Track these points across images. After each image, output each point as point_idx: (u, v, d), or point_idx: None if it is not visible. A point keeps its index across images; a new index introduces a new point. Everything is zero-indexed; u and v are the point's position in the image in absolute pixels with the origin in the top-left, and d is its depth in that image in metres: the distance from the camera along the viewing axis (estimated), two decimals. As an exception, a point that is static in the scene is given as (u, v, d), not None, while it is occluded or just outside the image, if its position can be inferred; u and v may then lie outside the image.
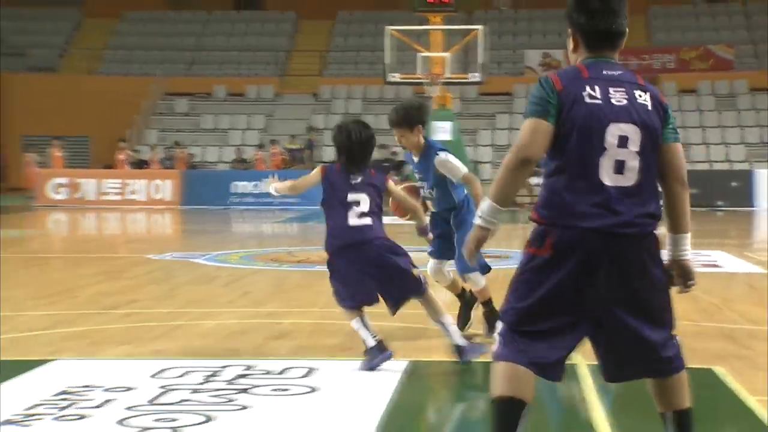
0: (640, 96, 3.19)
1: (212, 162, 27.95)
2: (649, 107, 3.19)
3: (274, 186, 5.63)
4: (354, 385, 4.99)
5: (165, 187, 23.41)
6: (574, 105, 3.11)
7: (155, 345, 6.09)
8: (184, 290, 9.02)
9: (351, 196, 5.26)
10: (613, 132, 3.12)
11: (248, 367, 5.27)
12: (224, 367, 5.28)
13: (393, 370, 5.23)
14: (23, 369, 5.23)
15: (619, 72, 3.22)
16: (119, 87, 30.05)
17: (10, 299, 8.31)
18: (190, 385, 4.85)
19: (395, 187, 5.53)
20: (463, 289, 6.40)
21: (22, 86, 30.94)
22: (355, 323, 5.33)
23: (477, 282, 6.16)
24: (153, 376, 5.05)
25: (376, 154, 24.72)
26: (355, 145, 5.31)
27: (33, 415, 4.29)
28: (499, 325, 3.22)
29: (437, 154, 5.94)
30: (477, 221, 3.21)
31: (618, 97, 3.15)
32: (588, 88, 3.14)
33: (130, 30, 33.27)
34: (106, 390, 4.73)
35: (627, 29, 3.28)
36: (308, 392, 4.78)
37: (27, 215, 20.71)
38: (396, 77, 22.99)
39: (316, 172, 5.39)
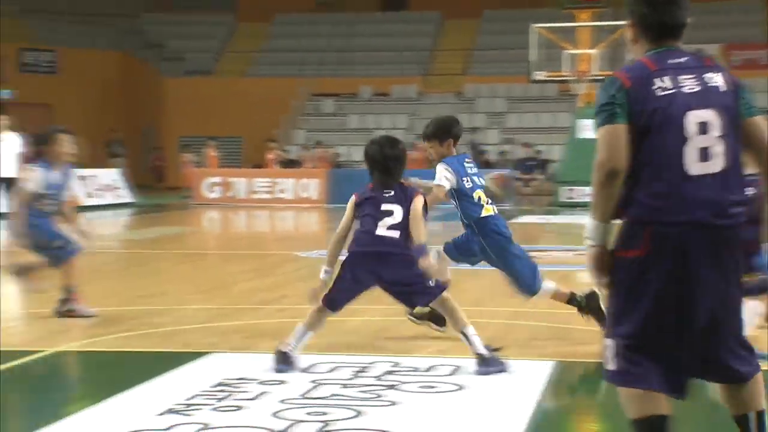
0: (712, 78, 3.13)
1: (358, 161, 28.36)
2: (723, 88, 3.12)
3: (324, 271, 5.36)
4: (501, 384, 4.97)
5: (312, 186, 23.92)
6: (647, 100, 3.06)
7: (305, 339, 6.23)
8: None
9: (384, 206, 5.26)
10: (692, 120, 3.06)
11: (395, 364, 5.34)
12: (372, 363, 5.37)
13: (540, 371, 5.19)
14: (183, 361, 5.47)
15: (685, 58, 3.15)
16: (269, 88, 30.89)
17: (170, 293, 8.70)
18: (339, 380, 4.96)
19: (419, 206, 5.33)
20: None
21: (180, 89, 32.25)
22: (302, 323, 5.27)
23: (546, 292, 6.06)
24: (304, 370, 5.18)
25: (521, 153, 24.59)
26: (387, 160, 5.34)
27: (193, 405, 4.47)
28: (608, 342, 3.13)
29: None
30: (587, 242, 3.16)
31: (690, 85, 3.09)
32: (657, 81, 3.09)
33: (280, 33, 34.14)
34: (261, 383, 4.88)
35: (688, 20, 3.21)
36: (455, 390, 4.80)
37: (184, 213, 21.57)
38: (541, 75, 22.73)
39: (350, 203, 5.38)
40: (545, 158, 24.46)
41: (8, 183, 15.81)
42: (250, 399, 4.59)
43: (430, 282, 5.20)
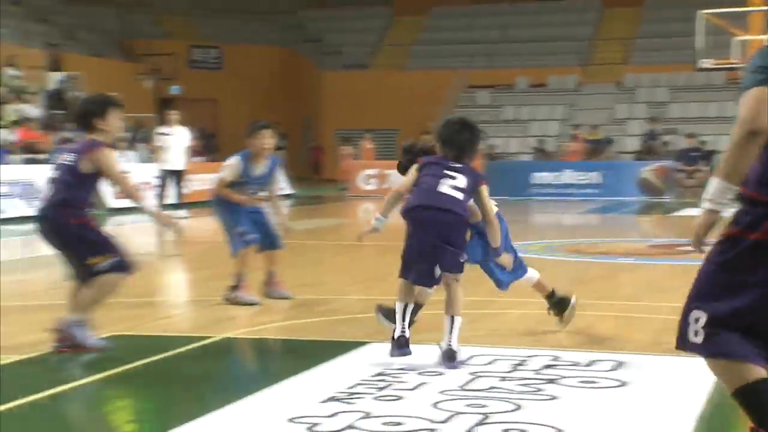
0: None
1: (513, 153, 28.13)
2: None
3: (376, 218, 5.51)
4: (667, 381, 4.83)
5: (467, 178, 23.90)
6: None
7: (463, 332, 6.24)
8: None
9: (448, 172, 5.18)
10: None
11: (555, 358, 5.28)
12: (531, 356, 5.33)
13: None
14: (344, 350, 5.58)
15: None
16: (424, 81, 31.05)
17: (329, 283, 8.89)
18: (498, 373, 4.94)
19: (486, 192, 5.28)
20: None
21: (338, 83, 32.88)
22: (398, 305, 5.21)
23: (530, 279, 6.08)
24: (462, 362, 5.18)
25: (684, 143, 23.74)
26: (464, 138, 5.24)
27: (355, 393, 4.56)
28: (698, 314, 3.02)
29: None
30: (705, 205, 3.05)
31: None
32: None
33: (436, 25, 34.24)
34: (420, 374, 4.93)
35: None
36: (618, 386, 4.70)
37: (341, 205, 22.00)
38: (708, 63, 21.86)
39: (415, 166, 5.32)
40: (710, 149, 23.54)
41: (178, 175, 16.55)
42: (410, 389, 4.63)
43: (463, 258, 5.14)
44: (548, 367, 5.08)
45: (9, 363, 5.38)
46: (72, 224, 5.37)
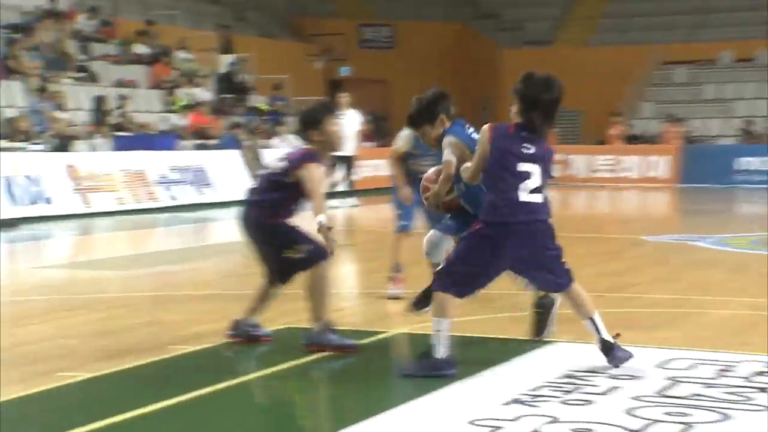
0: None
1: (714, 136, 27.07)
2: None
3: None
4: None
5: (660, 164, 23.21)
6: None
7: (659, 332, 6.05)
8: (686, 275, 8.88)
9: (522, 166, 4.84)
10: None
11: None
12: (739, 362, 5.11)
13: None
14: (526, 349, 5.51)
15: None
16: (613, 57, 30.26)
17: (505, 277, 8.79)
18: (701, 379, 4.77)
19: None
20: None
21: (518, 61, 32.51)
22: (441, 324, 4.90)
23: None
24: (659, 365, 5.04)
25: None
26: (552, 99, 4.95)
27: (539, 396, 4.49)
28: None
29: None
30: None
31: None
32: None
33: (626, -4, 33.31)
34: (611, 377, 4.81)
35: None
36: (843, 399, 4.42)
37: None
38: None
39: (487, 136, 4.91)
40: None
41: (348, 161, 16.82)
42: (601, 394, 4.53)
43: (564, 267, 4.96)
44: (760, 374, 4.85)
45: (184, 353, 5.62)
46: (268, 223, 5.72)
